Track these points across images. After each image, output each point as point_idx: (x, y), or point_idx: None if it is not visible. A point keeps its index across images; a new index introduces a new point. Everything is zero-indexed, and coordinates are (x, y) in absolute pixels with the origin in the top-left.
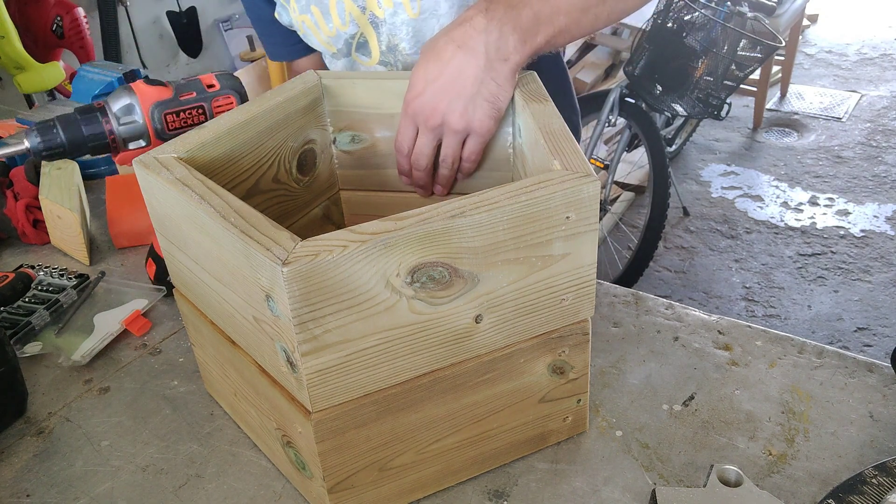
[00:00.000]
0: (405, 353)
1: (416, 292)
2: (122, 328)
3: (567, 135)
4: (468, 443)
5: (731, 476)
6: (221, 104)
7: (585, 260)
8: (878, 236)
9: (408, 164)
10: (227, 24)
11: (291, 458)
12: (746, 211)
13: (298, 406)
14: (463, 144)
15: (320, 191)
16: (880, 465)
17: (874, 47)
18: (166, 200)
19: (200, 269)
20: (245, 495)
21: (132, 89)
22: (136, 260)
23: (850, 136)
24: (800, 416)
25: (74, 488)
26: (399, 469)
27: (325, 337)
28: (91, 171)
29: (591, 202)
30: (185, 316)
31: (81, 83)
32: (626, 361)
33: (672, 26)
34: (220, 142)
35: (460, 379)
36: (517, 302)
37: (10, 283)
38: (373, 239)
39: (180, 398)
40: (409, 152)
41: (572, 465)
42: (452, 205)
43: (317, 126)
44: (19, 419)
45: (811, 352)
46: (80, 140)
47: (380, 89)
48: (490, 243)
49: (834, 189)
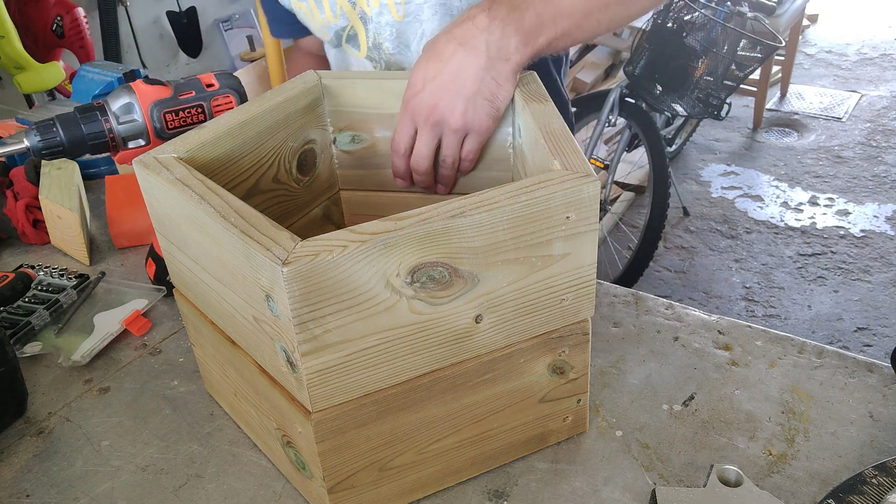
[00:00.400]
0: (405, 353)
1: (416, 292)
2: (122, 328)
3: (567, 135)
4: (468, 443)
5: (731, 476)
6: (221, 103)
7: (585, 260)
8: (878, 236)
9: (404, 164)
10: (227, 24)
11: (291, 458)
12: (746, 211)
13: (298, 406)
14: (462, 143)
15: (320, 191)
16: (880, 465)
17: (874, 47)
18: (166, 200)
19: (200, 269)
20: (245, 495)
21: (131, 88)
22: (136, 260)
23: (850, 136)
24: (800, 416)
25: (74, 488)
26: (399, 469)
27: (325, 337)
28: (91, 171)
29: (591, 202)
30: (185, 316)
31: (81, 83)
32: (626, 361)
33: (672, 26)
34: (219, 142)
35: (460, 379)
36: (517, 302)
37: (10, 283)
38: (373, 239)
39: (180, 398)
40: (405, 152)
41: (572, 465)
42: (452, 205)
43: (317, 126)
44: (19, 419)
45: (811, 352)
46: (79, 139)
47: (380, 89)
48: (490, 243)
49: (834, 189)
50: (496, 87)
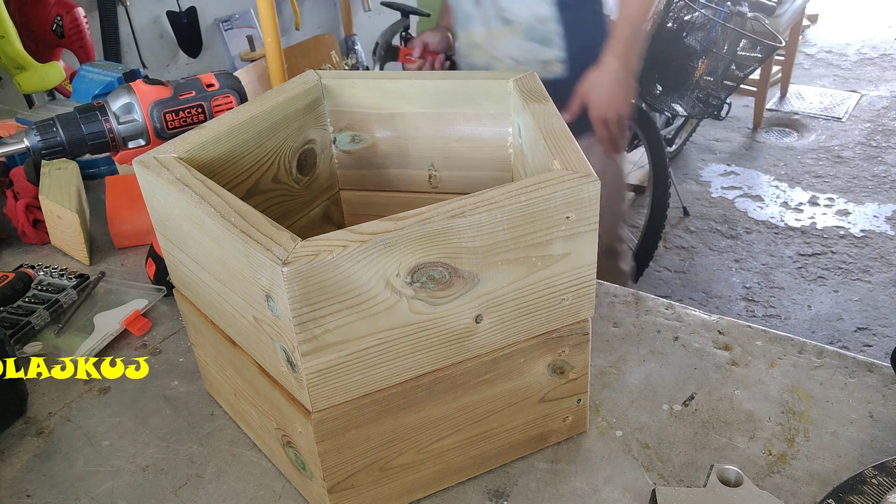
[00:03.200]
0: (405, 353)
1: (416, 292)
2: (122, 328)
3: (567, 134)
4: (468, 443)
5: (731, 476)
6: (221, 103)
7: (585, 260)
8: (878, 236)
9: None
10: (227, 23)
11: (291, 458)
12: (746, 211)
13: (298, 406)
14: None
15: (320, 191)
16: (880, 465)
17: (874, 47)
18: (166, 200)
19: (200, 268)
20: (245, 495)
21: (132, 88)
22: (136, 260)
23: (850, 136)
24: (800, 416)
25: (75, 488)
26: (399, 469)
27: (325, 337)
28: (91, 171)
29: (591, 202)
30: (186, 316)
31: (81, 83)
32: (626, 361)
33: (672, 26)
34: (220, 141)
35: (460, 379)
36: (517, 302)
37: (10, 283)
38: (373, 239)
39: (180, 398)
40: None
41: (572, 465)
42: (452, 205)
43: (317, 126)
44: (19, 419)
45: (811, 352)
46: (79, 139)
47: (380, 89)
48: (490, 243)
49: (834, 189)
50: None
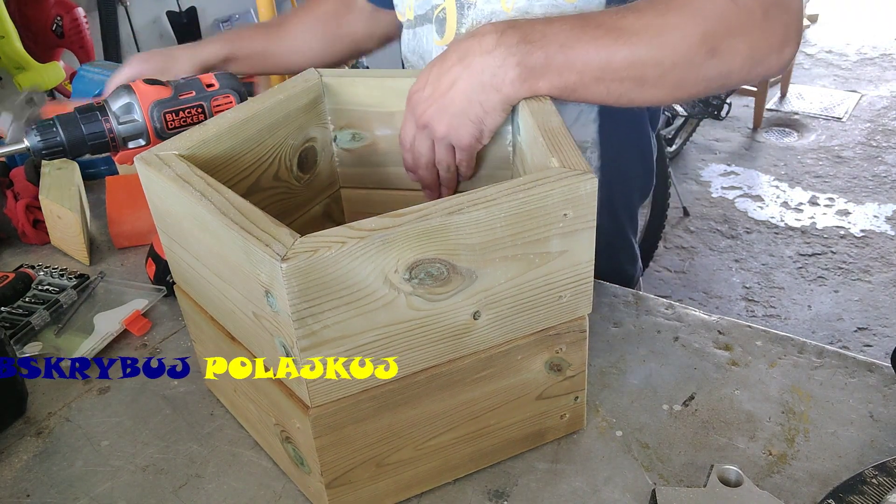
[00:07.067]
0: (403, 349)
1: (414, 288)
2: (122, 328)
3: (565, 132)
4: (466, 439)
5: (731, 476)
6: (221, 103)
7: (583, 257)
8: (878, 236)
9: (411, 158)
10: (227, 24)
11: (290, 453)
12: (746, 211)
13: (297, 401)
14: (454, 151)
15: (321, 188)
16: (880, 465)
17: (874, 47)
18: (167, 197)
19: (201, 265)
20: (245, 495)
21: (131, 88)
22: (136, 260)
23: (850, 136)
24: (800, 416)
25: (74, 488)
26: (397, 465)
27: (323, 332)
28: (91, 171)
29: (589, 199)
30: (186, 312)
31: (81, 83)
32: (626, 361)
33: None
34: (221, 139)
35: (458, 375)
36: (515, 299)
37: (10, 283)
38: (371, 235)
39: (180, 398)
40: (410, 146)
41: (572, 465)
42: (450, 201)
43: (317, 124)
44: (19, 419)
45: (811, 352)
46: (79, 139)
47: (381, 87)
48: (488, 240)
49: (834, 189)
50: (483, 113)
